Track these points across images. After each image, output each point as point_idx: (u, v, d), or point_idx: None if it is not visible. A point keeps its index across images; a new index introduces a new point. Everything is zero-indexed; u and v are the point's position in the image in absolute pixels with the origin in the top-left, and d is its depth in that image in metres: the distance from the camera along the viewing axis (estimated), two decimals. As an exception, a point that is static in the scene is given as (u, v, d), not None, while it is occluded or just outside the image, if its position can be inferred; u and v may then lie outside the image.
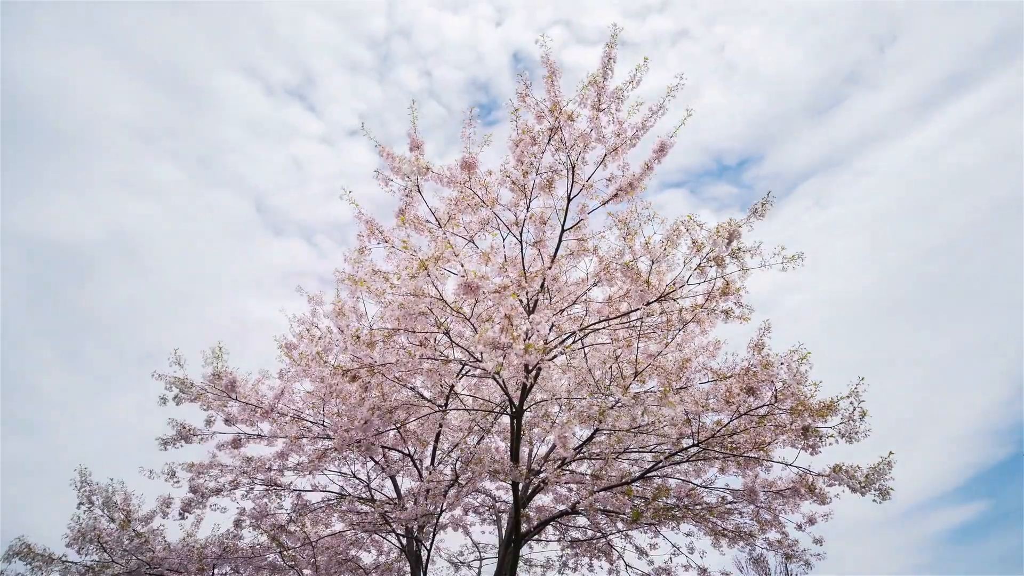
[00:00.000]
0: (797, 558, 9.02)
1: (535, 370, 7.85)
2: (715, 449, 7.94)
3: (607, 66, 7.32)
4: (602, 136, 7.69)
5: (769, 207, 7.14)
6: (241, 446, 9.24)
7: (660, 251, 7.49)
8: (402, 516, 8.75)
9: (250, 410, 8.93)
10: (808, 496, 7.97)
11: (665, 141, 7.81)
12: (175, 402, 8.53)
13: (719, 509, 8.73)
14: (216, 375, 8.63)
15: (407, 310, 7.18)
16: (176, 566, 8.54)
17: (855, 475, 7.37)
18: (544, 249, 8.26)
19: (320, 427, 9.19)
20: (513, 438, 8.19)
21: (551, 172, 7.83)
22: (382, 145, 7.95)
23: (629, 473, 8.98)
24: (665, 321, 7.84)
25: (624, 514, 8.80)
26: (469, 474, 8.44)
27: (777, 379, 7.33)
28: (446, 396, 8.61)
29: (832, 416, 7.31)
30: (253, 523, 9.18)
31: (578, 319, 8.24)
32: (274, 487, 9.34)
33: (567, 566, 11.18)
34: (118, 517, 8.53)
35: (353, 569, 9.95)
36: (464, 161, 7.75)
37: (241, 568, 9.22)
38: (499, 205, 8.12)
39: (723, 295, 7.44)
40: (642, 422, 8.26)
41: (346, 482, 10.01)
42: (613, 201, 8.00)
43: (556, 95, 7.47)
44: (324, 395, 8.62)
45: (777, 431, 7.54)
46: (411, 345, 7.74)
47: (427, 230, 8.14)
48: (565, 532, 10.92)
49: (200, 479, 8.92)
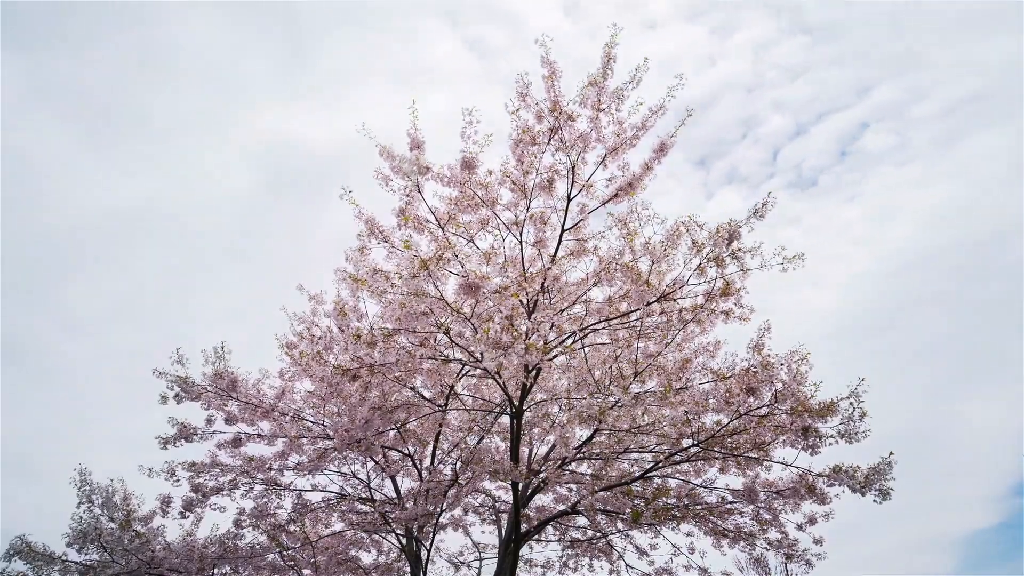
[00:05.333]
0: (798, 558, 9.01)
1: (535, 370, 7.85)
2: (715, 449, 7.94)
3: (607, 66, 7.33)
4: (602, 136, 7.69)
5: (770, 208, 7.16)
6: (241, 445, 9.24)
7: (660, 251, 7.50)
8: (402, 516, 8.75)
9: (250, 409, 8.93)
10: (808, 496, 7.96)
11: (665, 141, 7.82)
12: (176, 401, 8.52)
13: (719, 509, 8.72)
14: (217, 374, 8.62)
15: (407, 310, 7.18)
16: (176, 566, 8.53)
17: (855, 475, 7.36)
18: (544, 249, 8.26)
19: (320, 427, 9.19)
20: (513, 438, 8.18)
21: (551, 172, 7.84)
22: (382, 145, 7.95)
23: (629, 473, 8.97)
24: (665, 321, 7.84)
25: (624, 514, 8.79)
26: (469, 474, 8.43)
27: (777, 379, 7.33)
28: (446, 396, 8.60)
29: (832, 416, 7.31)
30: (253, 523, 9.17)
31: (578, 319, 8.24)
32: (274, 487, 9.33)
33: (567, 566, 11.16)
34: (118, 517, 8.53)
35: (353, 569, 9.94)
36: (464, 160, 7.75)
37: (241, 568, 9.21)
38: (499, 205, 8.13)
39: (723, 295, 7.44)
40: (642, 422, 8.25)
41: (346, 482, 10.00)
42: (613, 201, 8.01)
43: (556, 95, 7.48)
44: (324, 395, 8.62)
45: (777, 431, 7.54)
46: (411, 345, 7.74)
47: (428, 230, 8.14)
48: (565, 532, 10.90)
49: (200, 478, 8.92)
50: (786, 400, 7.31)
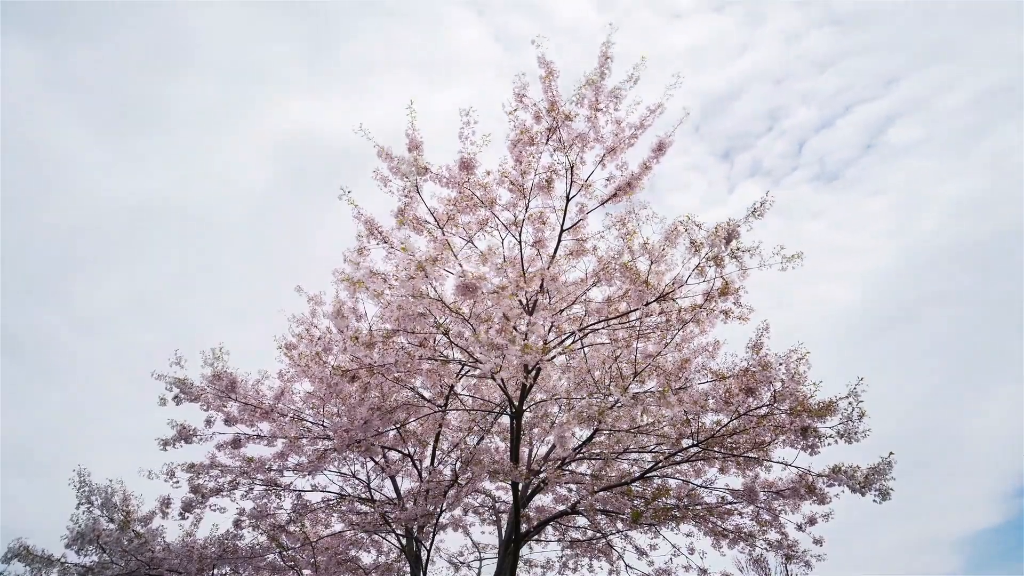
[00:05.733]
0: (797, 558, 8.99)
1: (535, 370, 7.84)
2: (715, 449, 7.92)
3: (604, 65, 7.31)
4: (600, 136, 7.68)
5: (768, 207, 7.14)
6: (241, 446, 9.23)
7: (659, 251, 7.48)
8: (402, 516, 8.75)
9: (250, 410, 8.92)
10: (808, 496, 7.95)
11: (664, 140, 7.81)
12: (175, 402, 8.51)
13: (719, 509, 8.71)
14: (216, 375, 8.61)
15: (405, 311, 7.18)
16: (175, 566, 8.53)
17: (855, 475, 7.35)
18: (543, 249, 8.25)
19: (320, 427, 9.19)
20: (513, 438, 8.18)
21: (550, 172, 7.82)
22: (380, 146, 7.94)
23: (629, 473, 8.96)
24: (664, 321, 7.83)
25: (624, 514, 8.78)
26: (469, 474, 8.43)
27: (776, 379, 7.32)
28: (446, 396, 8.60)
29: (831, 416, 7.30)
30: (253, 523, 9.17)
31: (577, 319, 8.23)
32: (274, 487, 9.33)
33: (567, 566, 11.15)
34: (117, 517, 8.53)
35: (353, 569, 9.94)
36: (462, 161, 7.74)
37: (241, 568, 9.21)
38: (498, 205, 8.12)
39: (722, 295, 7.43)
40: (642, 422, 8.24)
41: (346, 482, 10.00)
42: (612, 201, 7.99)
43: (554, 95, 7.46)
44: (324, 395, 8.61)
45: (776, 431, 7.53)
46: (411, 345, 7.74)
47: (426, 230, 8.13)
48: (565, 532, 10.89)
49: (200, 479, 8.91)
50: (785, 400, 7.31)
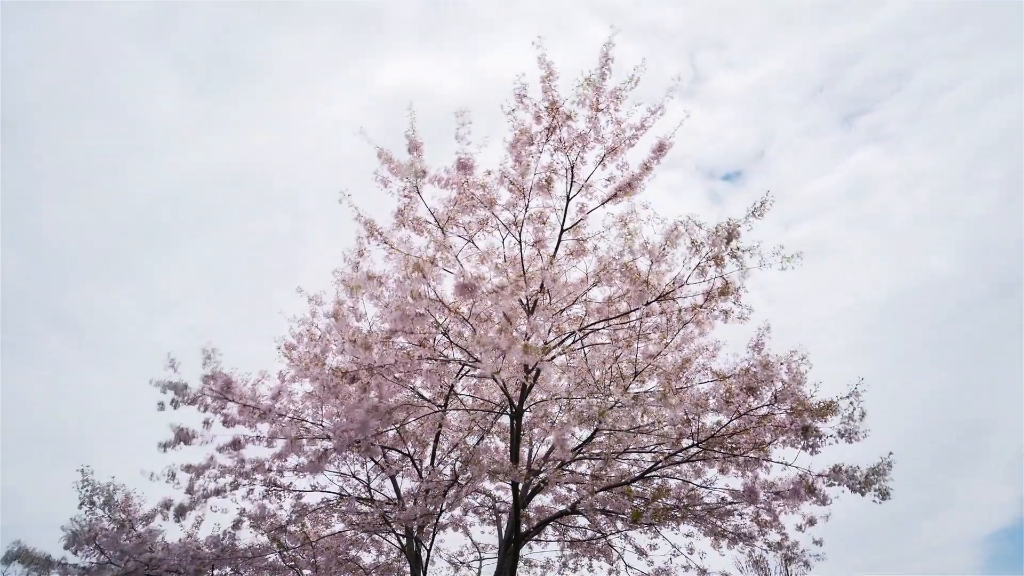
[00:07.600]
0: (797, 559, 8.99)
1: (535, 370, 7.83)
2: (715, 449, 7.91)
3: (605, 66, 7.30)
4: (600, 136, 7.67)
5: (768, 207, 7.13)
6: (241, 447, 9.21)
7: (659, 251, 7.47)
8: (402, 516, 8.74)
9: (249, 411, 8.90)
10: (808, 497, 7.94)
11: (664, 140, 7.79)
12: (172, 406, 8.43)
13: (719, 510, 8.70)
14: (210, 377, 8.56)
15: (404, 312, 7.17)
16: (175, 567, 8.52)
17: (855, 475, 7.34)
18: (543, 249, 8.24)
19: (320, 428, 9.18)
20: (513, 438, 8.18)
21: (549, 172, 7.81)
22: (380, 148, 7.93)
23: (629, 473, 8.96)
24: (665, 321, 7.82)
25: (624, 514, 8.78)
26: (469, 474, 8.43)
27: (777, 379, 7.31)
28: (446, 396, 8.59)
29: (832, 416, 7.29)
30: (253, 524, 9.17)
31: (578, 319, 8.22)
32: (274, 488, 9.32)
33: (567, 566, 11.14)
34: (119, 517, 8.53)
35: (353, 569, 9.95)
36: (460, 162, 7.73)
37: (241, 568, 9.21)
38: (498, 205, 8.11)
39: (722, 295, 7.42)
40: (642, 422, 8.24)
41: (346, 482, 9.99)
42: (612, 201, 7.99)
43: (553, 95, 7.45)
44: (322, 396, 8.59)
45: (777, 431, 7.52)
46: (410, 346, 7.73)
47: (426, 231, 8.12)
48: (565, 532, 10.89)
49: (200, 481, 8.91)
50: (786, 400, 7.29)
